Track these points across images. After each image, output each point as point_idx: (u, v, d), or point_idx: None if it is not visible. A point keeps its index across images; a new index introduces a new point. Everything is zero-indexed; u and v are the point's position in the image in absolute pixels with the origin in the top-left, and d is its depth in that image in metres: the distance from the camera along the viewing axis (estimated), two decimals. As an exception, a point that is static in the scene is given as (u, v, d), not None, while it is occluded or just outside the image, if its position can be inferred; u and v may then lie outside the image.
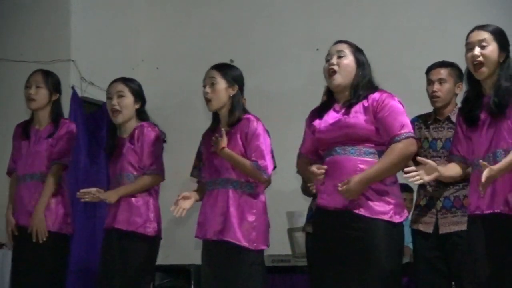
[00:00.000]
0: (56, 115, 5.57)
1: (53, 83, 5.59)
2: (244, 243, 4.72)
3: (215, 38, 8.28)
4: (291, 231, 6.64)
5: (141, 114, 5.30)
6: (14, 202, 5.50)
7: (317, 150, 4.63)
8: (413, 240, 5.38)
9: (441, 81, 5.30)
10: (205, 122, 5.10)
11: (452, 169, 4.45)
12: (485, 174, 4.08)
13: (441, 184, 5.22)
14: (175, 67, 7.84)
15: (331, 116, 4.53)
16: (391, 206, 4.39)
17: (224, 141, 4.74)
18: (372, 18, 7.61)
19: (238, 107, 4.91)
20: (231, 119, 4.87)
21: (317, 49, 7.63)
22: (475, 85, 4.41)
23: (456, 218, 5.16)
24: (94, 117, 7.65)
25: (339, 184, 4.32)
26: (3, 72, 7.82)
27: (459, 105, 5.02)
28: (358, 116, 4.44)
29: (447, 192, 5.24)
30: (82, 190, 5.08)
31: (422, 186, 5.33)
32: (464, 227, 4.83)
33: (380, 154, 4.42)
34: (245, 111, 5.02)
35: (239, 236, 4.72)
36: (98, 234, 5.92)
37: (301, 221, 6.33)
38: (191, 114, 5.47)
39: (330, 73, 4.51)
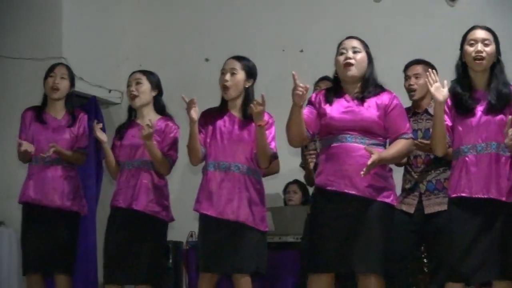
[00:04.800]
0: (72, 107, 5.56)
1: (72, 77, 5.61)
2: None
3: (192, 39, 8.29)
4: (272, 210, 6.31)
5: (158, 103, 5.30)
6: (31, 178, 5.41)
7: (313, 125, 4.59)
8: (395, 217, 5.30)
9: (416, 76, 5.35)
10: (184, 113, 4.94)
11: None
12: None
13: (424, 169, 5.30)
14: (156, 64, 7.86)
15: (343, 105, 4.55)
16: (391, 192, 4.54)
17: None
18: (333, 21, 7.61)
19: (252, 99, 4.84)
20: (248, 111, 4.79)
21: (283, 50, 7.90)
22: (466, 78, 4.49)
23: (439, 199, 5.19)
24: (84, 108, 7.57)
25: (368, 163, 4.27)
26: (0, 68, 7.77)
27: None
28: (372, 110, 4.51)
29: (429, 176, 5.28)
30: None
31: (408, 172, 5.40)
32: (445, 207, 4.87)
33: (383, 147, 4.54)
34: None
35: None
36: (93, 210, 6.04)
37: (269, 203, 6.52)
38: (170, 106, 5.59)
39: (346, 64, 4.53)
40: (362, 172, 4.27)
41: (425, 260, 5.67)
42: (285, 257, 6.30)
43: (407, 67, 5.50)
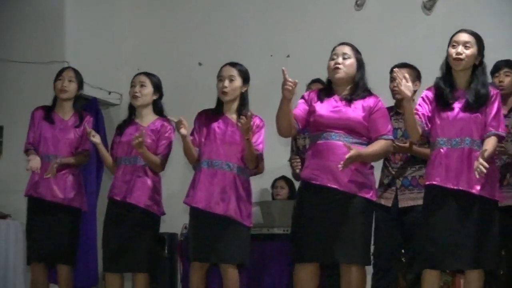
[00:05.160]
0: (79, 109, 5.56)
1: (80, 80, 5.61)
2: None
3: (186, 44, 8.27)
4: (257, 205, 6.44)
5: (157, 105, 5.31)
6: (32, 180, 5.41)
7: (303, 119, 4.63)
8: (375, 212, 5.31)
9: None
10: (180, 112, 5.01)
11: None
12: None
13: (401, 166, 5.34)
14: (153, 67, 7.77)
15: (332, 105, 4.59)
16: (371, 189, 4.57)
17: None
18: (318, 29, 7.61)
19: (247, 103, 4.98)
20: (239, 110, 4.87)
21: (271, 55, 7.88)
22: (449, 76, 4.51)
23: (413, 194, 5.26)
24: (85, 109, 7.64)
25: (346, 157, 4.30)
26: (8, 71, 7.76)
27: (416, 100, 5.00)
28: (357, 112, 4.54)
29: (405, 173, 5.34)
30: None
31: (386, 167, 5.44)
32: (419, 202, 4.94)
33: (366, 146, 4.53)
34: None
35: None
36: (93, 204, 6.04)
37: (258, 198, 6.46)
38: (165, 106, 5.59)
39: (335, 69, 4.57)
40: (339, 165, 4.29)
41: (402, 251, 5.65)
42: (272, 248, 6.32)
43: (392, 69, 5.38)
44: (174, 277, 7.02)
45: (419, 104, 4.57)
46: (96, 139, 5.29)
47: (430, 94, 4.56)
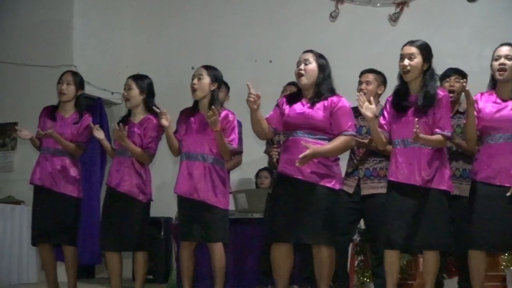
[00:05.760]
0: (80, 107, 5.49)
1: (79, 81, 5.51)
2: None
3: (180, 50, 8.29)
4: (235, 193, 6.60)
5: (148, 104, 5.21)
6: (35, 168, 5.40)
7: (276, 122, 4.64)
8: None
9: (367, 82, 5.33)
10: (176, 113, 5.08)
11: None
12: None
13: (363, 158, 5.33)
14: (150, 71, 7.74)
15: (299, 108, 4.56)
16: (334, 179, 4.50)
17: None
18: (297, 37, 7.61)
19: (217, 100, 4.92)
20: (210, 106, 4.76)
21: (256, 61, 7.88)
22: (404, 84, 4.47)
23: (373, 183, 5.24)
24: (90, 107, 7.61)
25: (300, 156, 4.31)
26: (22, 73, 7.79)
27: (381, 103, 5.09)
28: (319, 112, 4.49)
29: (367, 165, 5.32)
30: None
31: (351, 159, 5.42)
32: (379, 191, 4.99)
33: (329, 141, 4.49)
34: (222, 107, 5.04)
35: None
36: (91, 194, 6.05)
37: (243, 186, 6.51)
38: (161, 105, 5.57)
39: (298, 75, 4.56)
40: (297, 163, 4.33)
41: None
42: (256, 230, 6.34)
43: (361, 74, 5.48)
44: (169, 255, 7.04)
45: (382, 116, 4.58)
46: (99, 134, 5.28)
47: (388, 104, 4.55)
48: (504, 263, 5.40)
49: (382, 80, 5.41)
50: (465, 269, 4.70)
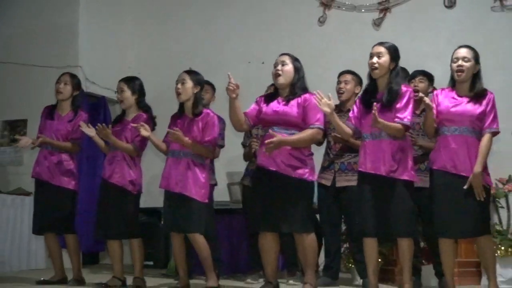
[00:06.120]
0: (76, 107, 5.49)
1: (76, 82, 5.54)
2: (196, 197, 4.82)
3: (179, 52, 8.29)
4: (229, 185, 6.69)
5: (141, 103, 5.26)
6: (36, 163, 5.42)
7: (253, 117, 4.68)
8: (317, 190, 5.41)
9: (346, 82, 5.43)
10: (173, 109, 5.12)
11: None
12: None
13: (339, 153, 5.37)
14: (151, 71, 7.83)
15: (275, 105, 4.62)
16: (307, 170, 4.53)
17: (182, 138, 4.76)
18: (288, 40, 7.62)
19: (200, 102, 4.94)
20: (195, 111, 4.88)
21: (249, 62, 7.88)
22: (372, 82, 4.50)
23: (348, 177, 5.30)
24: (95, 105, 7.68)
25: (266, 141, 4.42)
26: (31, 73, 7.80)
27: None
28: (293, 108, 4.55)
29: (343, 159, 5.37)
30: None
31: (327, 153, 5.47)
32: (352, 183, 4.97)
33: None
34: (205, 107, 5.08)
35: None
36: (95, 187, 6.02)
37: (236, 178, 6.44)
38: (163, 106, 5.54)
39: (276, 75, 4.63)
40: (264, 150, 4.42)
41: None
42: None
43: (340, 74, 5.54)
44: (168, 243, 7.02)
45: (352, 110, 4.61)
46: (89, 132, 5.25)
47: (358, 100, 4.59)
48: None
49: (359, 80, 5.47)
50: (437, 255, 4.72)
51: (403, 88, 4.42)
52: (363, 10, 7.62)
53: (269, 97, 4.75)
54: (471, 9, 7.24)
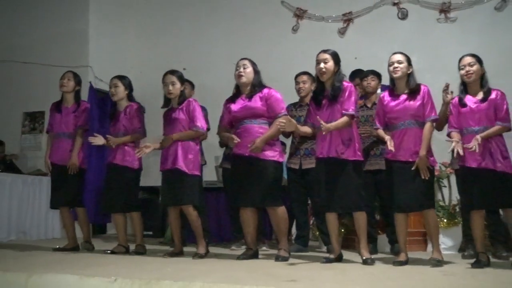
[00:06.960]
0: (78, 99, 5.49)
1: (77, 80, 5.52)
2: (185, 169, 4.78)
3: (175, 54, 8.27)
4: (217, 167, 6.66)
5: (130, 97, 5.27)
6: (51, 150, 5.44)
7: (230, 123, 4.70)
8: (287, 172, 5.46)
9: (304, 82, 5.41)
10: (159, 107, 5.06)
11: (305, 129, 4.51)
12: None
13: (302, 140, 5.35)
14: (150, 71, 7.82)
15: (240, 103, 4.62)
16: (276, 153, 4.55)
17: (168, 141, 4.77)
18: (266, 45, 7.63)
19: (184, 95, 4.95)
20: (179, 100, 4.87)
21: (234, 63, 7.84)
22: (320, 83, 4.47)
23: (311, 160, 5.21)
24: (103, 99, 7.42)
25: (249, 145, 4.43)
26: (48, 72, 7.72)
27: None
28: (257, 102, 4.55)
29: (306, 145, 5.37)
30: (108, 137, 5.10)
31: (292, 142, 5.47)
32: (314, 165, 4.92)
33: (269, 124, 4.56)
34: (188, 96, 5.08)
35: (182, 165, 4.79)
36: (103, 167, 6.02)
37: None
38: (160, 101, 5.54)
39: (239, 76, 4.65)
40: (250, 151, 4.46)
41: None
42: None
43: (297, 76, 5.51)
44: (165, 216, 7.00)
45: (308, 111, 4.57)
46: (98, 141, 5.19)
47: (310, 102, 4.55)
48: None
49: (313, 78, 5.38)
50: (390, 226, 4.83)
51: (345, 84, 4.40)
52: (330, 21, 7.66)
53: (233, 98, 4.72)
54: (421, 20, 7.30)
